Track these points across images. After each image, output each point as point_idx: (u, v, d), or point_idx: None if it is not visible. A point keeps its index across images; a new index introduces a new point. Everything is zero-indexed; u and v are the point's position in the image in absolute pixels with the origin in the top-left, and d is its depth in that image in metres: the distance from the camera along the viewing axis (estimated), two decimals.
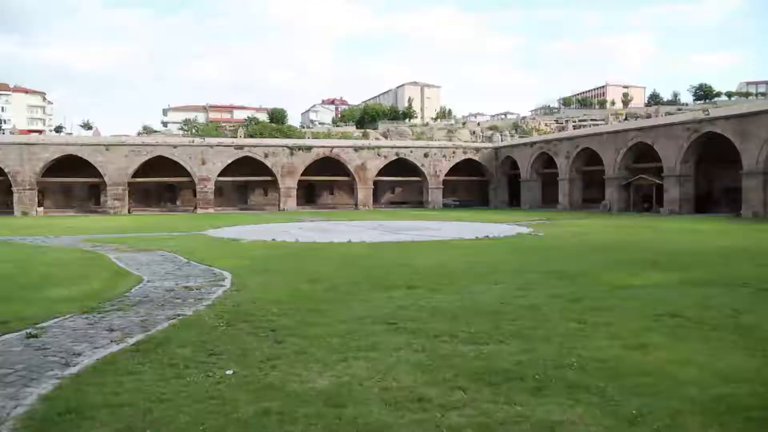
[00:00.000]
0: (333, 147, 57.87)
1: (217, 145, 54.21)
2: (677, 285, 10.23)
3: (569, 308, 8.22)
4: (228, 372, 5.47)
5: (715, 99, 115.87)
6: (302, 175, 55.46)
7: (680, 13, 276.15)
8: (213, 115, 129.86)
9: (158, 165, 51.91)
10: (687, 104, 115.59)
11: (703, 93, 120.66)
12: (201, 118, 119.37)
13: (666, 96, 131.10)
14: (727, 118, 37.18)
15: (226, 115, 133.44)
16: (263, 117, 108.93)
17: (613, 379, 5.14)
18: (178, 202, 57.43)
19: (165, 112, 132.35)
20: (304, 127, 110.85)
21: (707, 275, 11.31)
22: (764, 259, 13.98)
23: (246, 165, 54.12)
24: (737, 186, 36.29)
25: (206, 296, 9.49)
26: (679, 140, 39.56)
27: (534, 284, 10.32)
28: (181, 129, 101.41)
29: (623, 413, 4.40)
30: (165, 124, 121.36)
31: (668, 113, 76.71)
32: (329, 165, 56.66)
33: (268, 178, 55.51)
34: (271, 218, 39.01)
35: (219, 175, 53.22)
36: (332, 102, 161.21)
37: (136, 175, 51.82)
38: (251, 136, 72.07)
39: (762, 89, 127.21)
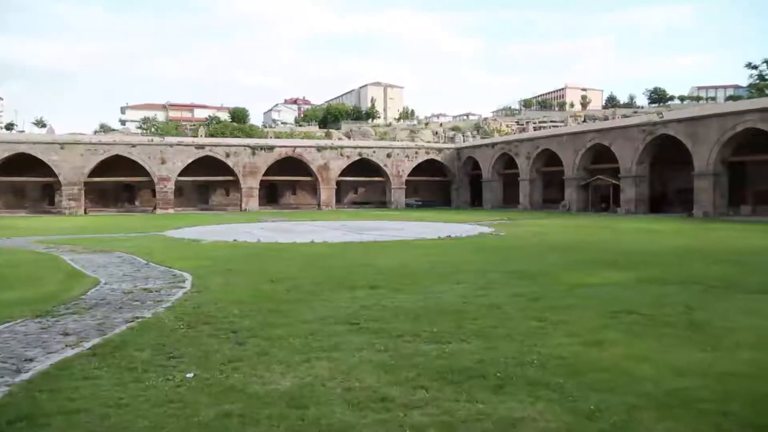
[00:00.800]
0: (295, 147, 57.50)
1: (178, 145, 53.24)
2: (633, 283, 10.50)
3: (530, 307, 8.35)
4: (188, 375, 5.38)
5: (669, 102, 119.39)
6: (264, 175, 54.94)
7: (637, 18, 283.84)
8: (173, 114, 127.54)
9: (116, 164, 50.70)
10: (642, 107, 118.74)
11: (658, 96, 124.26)
12: (161, 116, 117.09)
13: (623, 99, 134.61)
14: (679, 121, 38.39)
15: (187, 114, 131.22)
16: (225, 116, 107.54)
17: (572, 376, 5.24)
18: (136, 203, 56.22)
19: (123, 110, 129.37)
20: (266, 127, 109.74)
21: (662, 274, 11.64)
22: (714, 257, 14.48)
23: (207, 165, 53.32)
24: (689, 187, 37.48)
25: (166, 298, 9.31)
26: (635, 142, 40.65)
27: (495, 284, 10.45)
28: (140, 128, 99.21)
29: (582, 409, 4.49)
30: (123, 122, 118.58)
31: (624, 116, 78.71)
32: (292, 165, 56.28)
33: (230, 178, 54.81)
34: (232, 218, 38.52)
35: (179, 175, 52.29)
36: (295, 102, 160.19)
37: (92, 174, 50.46)
38: (212, 136, 71.07)
39: (712, 94, 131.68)
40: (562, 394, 4.80)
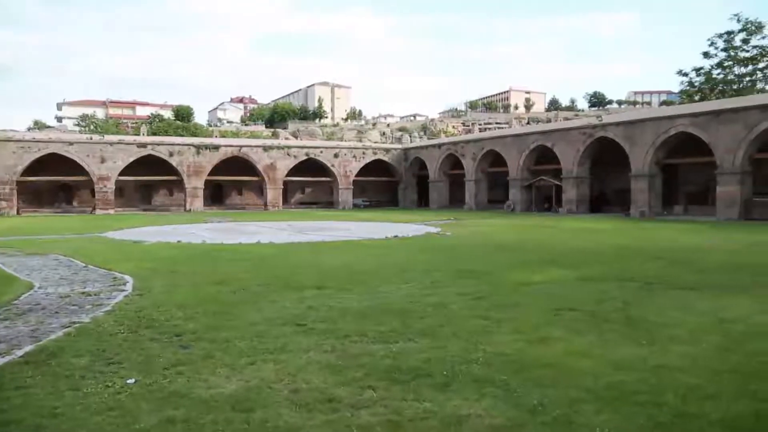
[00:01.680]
0: (242, 146, 56.59)
1: (118, 143, 51.52)
2: (575, 281, 10.83)
3: (475, 306, 8.49)
4: (129, 381, 5.21)
5: (608, 106, 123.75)
6: (209, 174, 53.81)
7: (581, 24, 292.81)
8: (113, 112, 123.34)
9: (52, 163, 48.60)
10: (583, 110, 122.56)
11: (597, 100, 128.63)
12: (100, 113, 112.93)
13: (564, 102, 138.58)
14: (617, 124, 39.83)
15: (128, 112, 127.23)
16: (168, 114, 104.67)
17: (517, 372, 5.37)
18: (74, 203, 54.05)
19: (59, 106, 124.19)
20: (211, 126, 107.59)
21: (601, 272, 12.05)
22: (650, 255, 15.08)
23: (149, 164, 51.80)
24: (627, 187, 38.93)
25: (105, 302, 9.00)
26: (576, 144, 41.91)
27: (442, 283, 10.58)
28: (78, 125, 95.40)
29: (525, 404, 4.61)
30: (59, 119, 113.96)
31: (566, 118, 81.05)
32: (238, 165, 55.35)
33: (174, 178, 53.44)
34: (176, 219, 37.57)
35: (120, 175, 50.61)
36: (241, 100, 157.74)
37: (25, 173, 48.21)
38: (155, 134, 69.03)
39: (647, 98, 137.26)
40: (507, 391, 4.91)
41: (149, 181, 54.98)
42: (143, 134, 62.06)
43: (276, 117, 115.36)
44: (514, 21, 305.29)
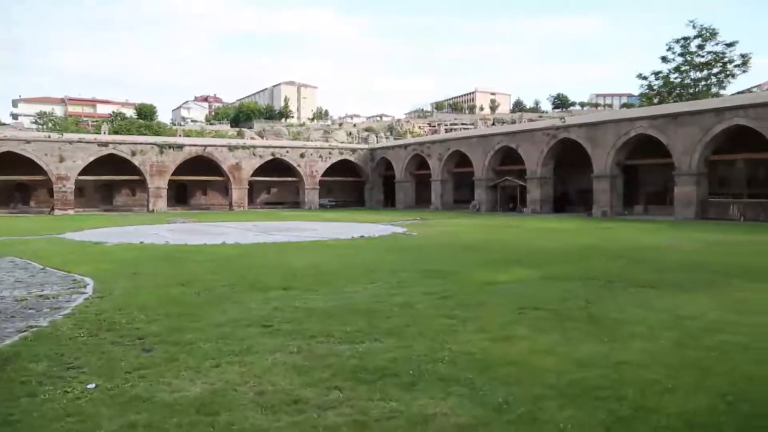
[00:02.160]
0: (206, 146, 55.78)
1: (78, 142, 50.19)
2: (539, 280, 10.99)
3: (441, 305, 8.55)
4: (89, 386, 5.09)
5: (570, 108, 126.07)
6: (173, 174, 52.90)
7: (544, 27, 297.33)
8: (73, 109, 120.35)
9: (7, 162, 47.06)
10: (547, 112, 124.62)
11: (560, 102, 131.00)
12: (59, 111, 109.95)
13: (529, 103, 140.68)
14: (580, 126, 40.61)
15: (88, 110, 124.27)
16: (130, 113, 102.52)
17: (482, 371, 5.42)
18: (31, 203, 52.48)
19: (15, 103, 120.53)
20: (175, 125, 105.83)
21: (565, 270, 12.26)
22: (611, 254, 15.42)
23: (111, 163, 50.64)
24: (589, 188, 39.72)
25: (64, 305, 8.76)
26: (540, 145, 42.57)
27: (408, 283, 10.62)
28: (36, 123, 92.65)
29: (491, 402, 4.66)
30: (15, 116, 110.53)
31: (530, 120, 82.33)
32: (202, 164, 54.55)
33: (136, 178, 52.37)
34: (139, 220, 36.82)
35: (80, 174, 49.33)
36: (206, 99, 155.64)
37: None
38: (117, 133, 67.56)
39: (609, 101, 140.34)
40: (473, 389, 4.95)
41: (111, 181, 53.78)
42: (104, 133, 60.54)
43: (241, 116, 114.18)
44: (479, 23, 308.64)
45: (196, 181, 57.13)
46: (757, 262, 13.79)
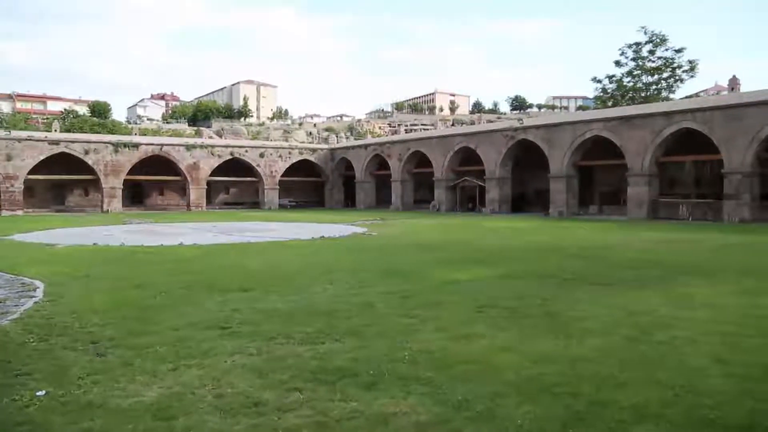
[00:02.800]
0: (163, 145, 54.60)
1: (27, 140, 48.42)
2: (497, 279, 11.16)
3: (401, 305, 8.59)
4: (40, 393, 4.92)
5: (528, 110, 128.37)
6: (129, 174, 51.59)
7: (503, 29, 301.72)
8: (21, 106, 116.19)
9: None
10: (505, 113, 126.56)
11: (519, 104, 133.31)
12: (5, 107, 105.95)
13: (487, 105, 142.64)
14: (537, 127, 41.38)
15: (38, 107, 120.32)
16: (83, 110, 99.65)
17: (442, 369, 5.48)
18: None
19: None
20: (130, 123, 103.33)
21: (522, 269, 12.48)
22: (567, 253, 15.78)
23: (63, 162, 49.04)
24: (546, 188, 40.49)
25: (12, 309, 8.45)
26: (499, 146, 43.17)
27: (368, 283, 10.63)
28: None
29: (450, 400, 4.71)
30: None
31: (489, 121, 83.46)
32: (159, 164, 53.40)
33: (89, 177, 50.86)
34: (93, 220, 35.80)
35: (29, 173, 47.60)
36: (162, 97, 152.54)
37: None
38: (69, 131, 65.60)
39: (565, 103, 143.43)
40: (432, 388, 5.00)
41: (62, 181, 52.09)
42: (55, 130, 58.68)
43: (199, 115, 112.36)
44: (439, 24, 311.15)
45: (153, 181, 55.86)
46: (702, 260, 14.31)
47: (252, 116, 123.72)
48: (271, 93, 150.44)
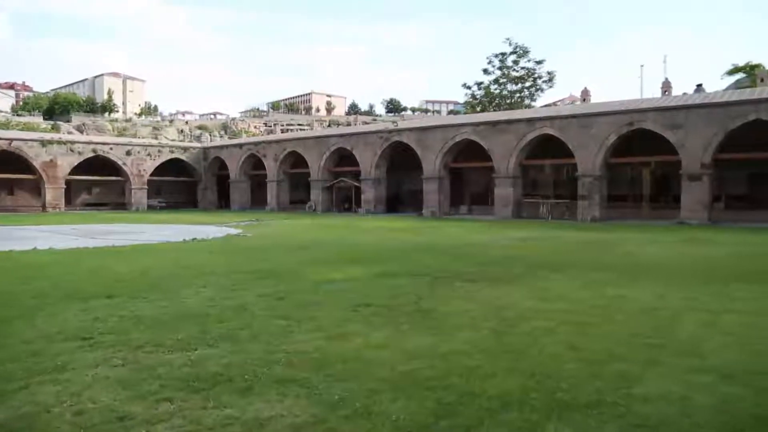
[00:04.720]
0: (13, 139, 49.62)
1: None
2: (372, 278, 11.35)
3: (276, 306, 8.49)
4: None
5: (402, 113, 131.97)
6: None
7: (378, 32, 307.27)
8: None
9: None
10: (381, 115, 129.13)
11: (394, 107, 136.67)
12: None
13: (363, 107, 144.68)
14: (411, 130, 42.69)
15: None
16: None
17: (318, 369, 5.48)
18: None
19: None
20: None
21: (397, 267, 12.79)
22: (439, 251, 16.43)
23: None
24: (419, 189, 41.87)
25: None
26: (374, 147, 43.97)
27: (242, 285, 10.39)
28: None
29: (327, 399, 4.73)
30: None
31: (365, 122, 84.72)
32: (9, 161, 48.41)
33: None
34: None
35: None
36: (12, 87, 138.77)
37: None
38: None
39: (437, 107, 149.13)
40: (309, 388, 4.99)
41: None
42: None
43: (57, 108, 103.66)
44: (316, 24, 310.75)
45: (1, 180, 50.65)
46: (558, 256, 15.52)
47: (118, 111, 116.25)
48: (138, 87, 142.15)
